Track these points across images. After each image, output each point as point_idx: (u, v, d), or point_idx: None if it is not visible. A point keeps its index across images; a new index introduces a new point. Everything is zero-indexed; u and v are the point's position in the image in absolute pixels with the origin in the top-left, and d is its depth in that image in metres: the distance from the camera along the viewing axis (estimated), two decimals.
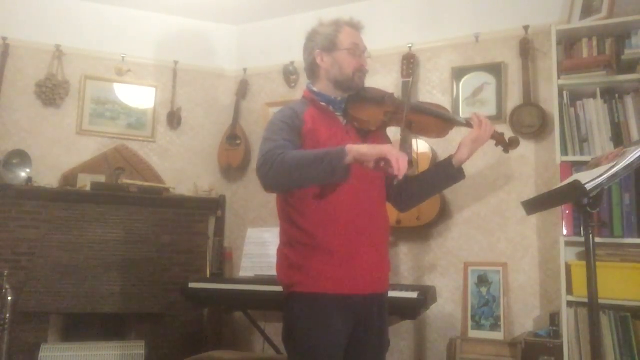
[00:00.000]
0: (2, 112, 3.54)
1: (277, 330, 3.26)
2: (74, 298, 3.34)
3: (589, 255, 1.64)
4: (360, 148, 1.62)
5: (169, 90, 3.93)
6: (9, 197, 3.35)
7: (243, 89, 4.00)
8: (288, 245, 1.84)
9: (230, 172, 3.98)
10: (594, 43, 2.74)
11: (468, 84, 3.26)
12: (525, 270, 2.99)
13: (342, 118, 1.90)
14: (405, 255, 3.31)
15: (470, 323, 2.94)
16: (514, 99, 3.13)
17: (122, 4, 3.80)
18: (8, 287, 2.94)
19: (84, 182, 3.53)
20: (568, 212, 2.64)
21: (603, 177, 1.56)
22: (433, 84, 3.38)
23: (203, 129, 4.02)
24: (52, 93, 3.62)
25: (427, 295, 2.57)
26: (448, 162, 1.93)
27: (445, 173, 1.94)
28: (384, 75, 3.46)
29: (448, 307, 3.14)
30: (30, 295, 3.27)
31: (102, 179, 3.57)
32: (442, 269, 3.21)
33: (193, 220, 3.75)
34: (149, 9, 3.86)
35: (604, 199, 2.50)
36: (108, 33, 3.81)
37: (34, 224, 3.39)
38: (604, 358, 2.43)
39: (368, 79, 1.95)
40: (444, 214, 3.20)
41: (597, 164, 1.76)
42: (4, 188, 3.31)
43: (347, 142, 1.81)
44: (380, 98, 1.91)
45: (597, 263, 1.65)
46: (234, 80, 4.07)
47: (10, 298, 2.94)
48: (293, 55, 3.72)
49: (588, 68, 2.67)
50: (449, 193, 3.16)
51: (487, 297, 2.96)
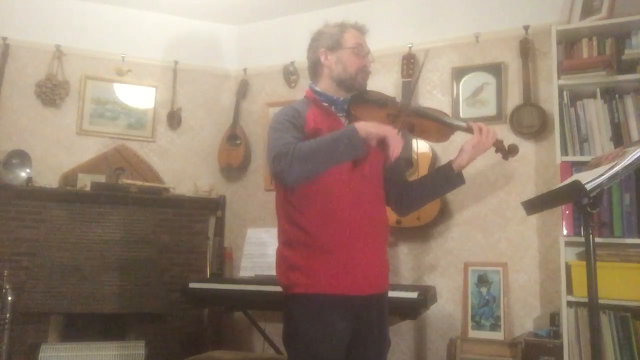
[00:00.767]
0: (2, 112, 3.53)
1: (277, 330, 3.26)
2: (74, 298, 3.34)
3: (589, 255, 1.64)
4: (368, 126, 1.72)
5: (169, 90, 3.93)
6: (9, 197, 3.35)
7: (243, 89, 4.00)
8: (287, 246, 1.84)
9: (230, 172, 3.97)
10: (594, 43, 2.74)
11: (468, 84, 3.26)
12: (525, 270, 2.99)
13: (344, 118, 1.90)
14: (405, 255, 3.31)
15: (470, 323, 2.94)
16: (514, 99, 3.13)
17: (122, 4, 3.80)
18: (8, 287, 2.95)
19: (84, 182, 3.53)
20: (568, 212, 2.64)
21: (603, 177, 1.56)
22: (433, 84, 3.38)
23: (203, 129, 4.02)
24: (52, 93, 3.61)
25: (427, 295, 2.58)
26: (448, 167, 1.93)
27: (445, 178, 1.94)
28: (384, 75, 3.46)
29: (448, 307, 3.14)
30: (30, 295, 3.27)
31: (102, 179, 3.57)
32: (442, 269, 3.21)
33: (193, 220, 3.74)
34: (150, 9, 3.86)
35: (604, 199, 2.50)
36: (108, 33, 3.81)
37: (34, 224, 3.39)
38: (604, 358, 2.43)
39: (368, 80, 1.95)
40: (444, 214, 3.20)
41: (597, 164, 1.76)
42: None
43: None
44: (383, 101, 1.91)
45: (597, 263, 1.65)
46: (234, 80, 4.07)
47: (10, 298, 2.95)
48: (293, 55, 3.72)
49: (588, 68, 2.66)
50: (449, 193, 3.14)
51: (487, 297, 2.96)
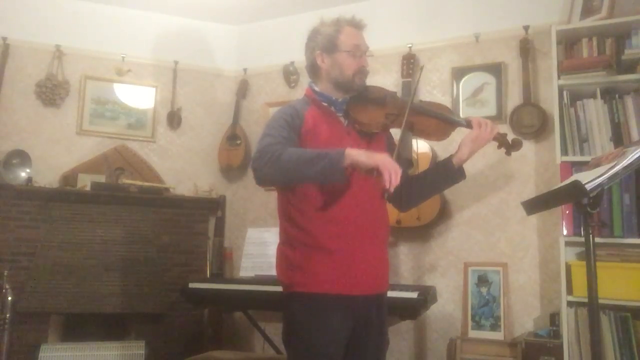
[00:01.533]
0: (2, 112, 3.53)
1: (277, 330, 3.26)
2: (74, 298, 3.34)
3: (589, 255, 1.64)
4: (359, 155, 1.63)
5: (169, 90, 3.93)
6: (9, 197, 3.34)
7: (243, 89, 4.00)
8: (288, 245, 1.84)
9: (230, 172, 3.97)
10: (594, 43, 2.74)
11: (468, 84, 3.26)
12: (525, 270, 2.99)
13: (343, 119, 1.90)
14: (405, 255, 3.31)
15: (471, 323, 2.94)
16: (514, 99, 3.13)
17: (122, 4, 3.80)
18: (8, 287, 2.94)
19: (84, 182, 3.53)
20: (568, 212, 2.64)
21: (603, 177, 1.56)
22: (433, 84, 3.38)
23: (203, 129, 4.02)
24: (52, 93, 3.62)
25: (427, 295, 2.57)
26: (448, 161, 1.92)
27: (445, 173, 1.93)
28: (384, 75, 3.46)
29: (448, 307, 3.14)
30: (30, 295, 3.27)
31: (102, 179, 3.57)
32: (442, 269, 3.21)
33: (193, 220, 3.74)
34: (149, 9, 3.86)
35: (604, 199, 2.50)
36: (108, 33, 3.81)
37: (34, 224, 3.39)
38: (604, 358, 2.43)
39: (368, 79, 1.94)
40: (444, 214, 3.20)
41: (597, 164, 1.76)
42: None
43: (348, 142, 1.82)
44: (382, 99, 1.90)
45: (597, 263, 1.65)
46: (234, 80, 4.07)
47: (10, 298, 2.94)
48: (293, 55, 3.71)
49: (588, 68, 2.66)
50: (449, 193, 3.16)
51: (487, 297, 2.96)
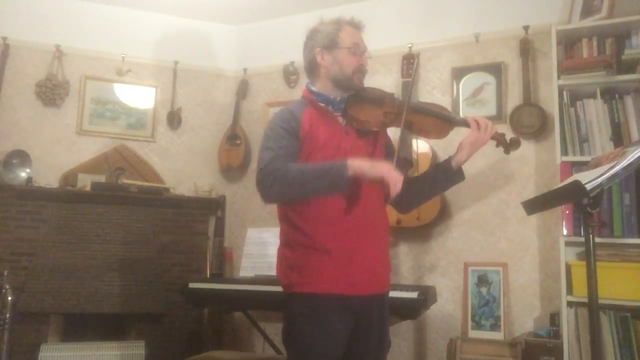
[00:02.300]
0: (2, 112, 3.53)
1: (277, 330, 3.26)
2: (74, 298, 3.34)
3: (589, 255, 1.64)
4: (362, 165, 1.67)
5: (169, 90, 3.93)
6: (9, 197, 3.34)
7: (243, 89, 4.00)
8: (287, 246, 1.84)
9: (230, 172, 3.97)
10: (594, 43, 2.74)
11: (468, 84, 3.26)
12: (525, 270, 2.99)
13: (341, 118, 1.90)
14: (405, 255, 3.31)
15: (470, 323, 2.94)
16: (514, 99, 3.13)
17: (122, 4, 3.80)
18: (8, 287, 2.94)
19: (84, 182, 3.53)
20: (568, 212, 2.64)
21: (603, 177, 1.56)
22: (433, 84, 3.38)
23: (203, 129, 4.02)
24: (52, 93, 3.61)
25: (427, 295, 2.57)
26: (447, 163, 1.92)
27: (445, 174, 1.94)
28: (384, 75, 3.46)
29: (448, 307, 3.14)
30: (30, 295, 3.27)
31: (102, 179, 3.56)
32: (442, 269, 3.21)
33: (193, 220, 3.74)
34: (149, 9, 3.86)
35: (604, 199, 2.50)
36: (108, 33, 3.81)
37: (34, 224, 3.39)
38: (604, 358, 2.43)
39: (368, 79, 1.95)
40: (444, 214, 3.20)
41: (597, 164, 1.76)
42: None
43: (346, 142, 1.82)
44: (380, 98, 1.90)
45: (597, 263, 1.65)
46: (234, 80, 4.07)
47: (10, 298, 2.94)
48: (293, 55, 3.71)
49: (588, 68, 2.66)
50: (449, 193, 3.15)
51: (487, 297, 2.96)
